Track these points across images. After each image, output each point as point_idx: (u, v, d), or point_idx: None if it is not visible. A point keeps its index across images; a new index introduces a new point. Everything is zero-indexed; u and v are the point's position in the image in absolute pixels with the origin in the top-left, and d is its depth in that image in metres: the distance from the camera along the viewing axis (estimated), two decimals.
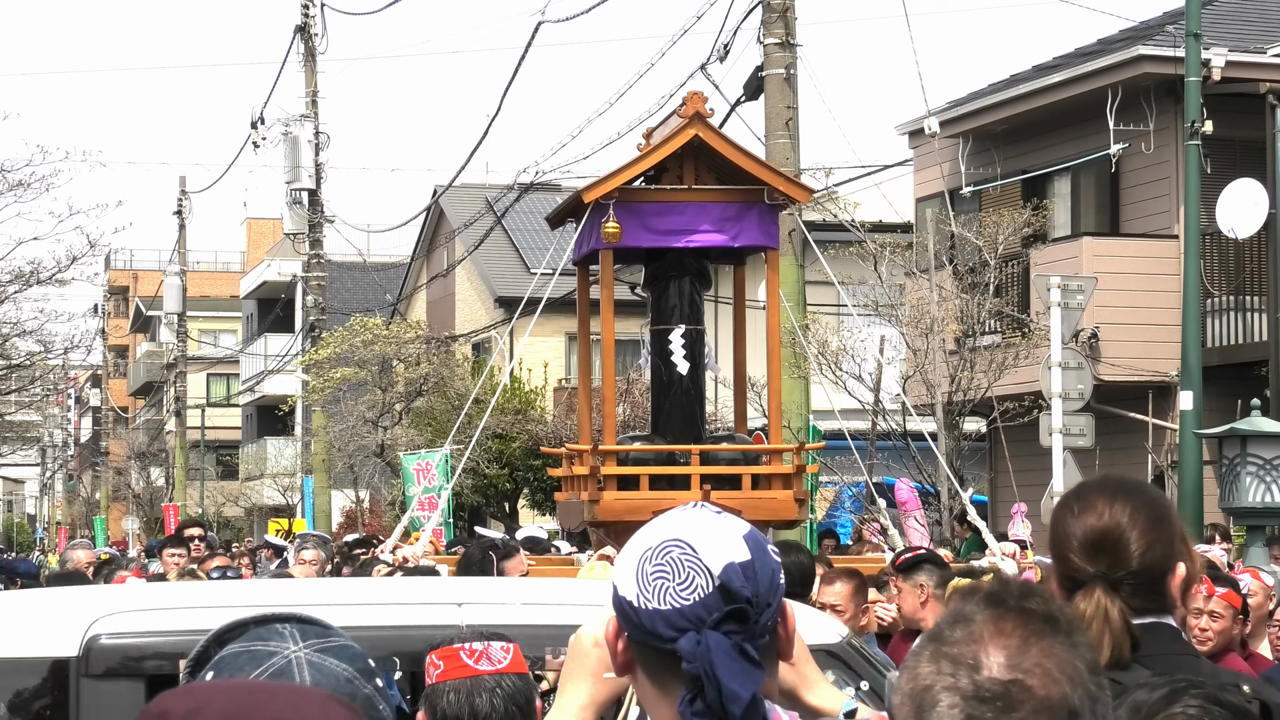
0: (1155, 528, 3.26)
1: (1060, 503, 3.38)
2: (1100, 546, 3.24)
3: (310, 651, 2.22)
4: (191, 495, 51.11)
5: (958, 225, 21.88)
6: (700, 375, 11.73)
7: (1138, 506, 3.27)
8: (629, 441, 11.94)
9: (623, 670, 2.46)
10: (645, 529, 2.49)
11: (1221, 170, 20.86)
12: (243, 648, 2.23)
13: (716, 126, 11.56)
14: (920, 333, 20.61)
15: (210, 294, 72.01)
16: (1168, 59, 21.18)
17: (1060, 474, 17.07)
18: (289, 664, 2.19)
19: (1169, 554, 3.26)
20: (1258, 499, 14.16)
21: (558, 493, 12.50)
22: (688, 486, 11.11)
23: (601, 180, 11.46)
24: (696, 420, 11.69)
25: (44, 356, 38.31)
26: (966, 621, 1.86)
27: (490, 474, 30.67)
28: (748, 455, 11.74)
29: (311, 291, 33.82)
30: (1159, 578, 3.24)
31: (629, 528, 10.85)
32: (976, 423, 22.83)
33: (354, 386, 31.99)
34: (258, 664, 2.19)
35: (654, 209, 11.41)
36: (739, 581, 2.37)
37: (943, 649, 1.84)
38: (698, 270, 11.65)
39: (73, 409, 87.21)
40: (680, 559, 2.40)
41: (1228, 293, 22.43)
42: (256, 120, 34.47)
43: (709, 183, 11.49)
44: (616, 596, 2.44)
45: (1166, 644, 3.20)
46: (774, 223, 11.67)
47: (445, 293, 43.62)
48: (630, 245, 11.45)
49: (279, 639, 2.24)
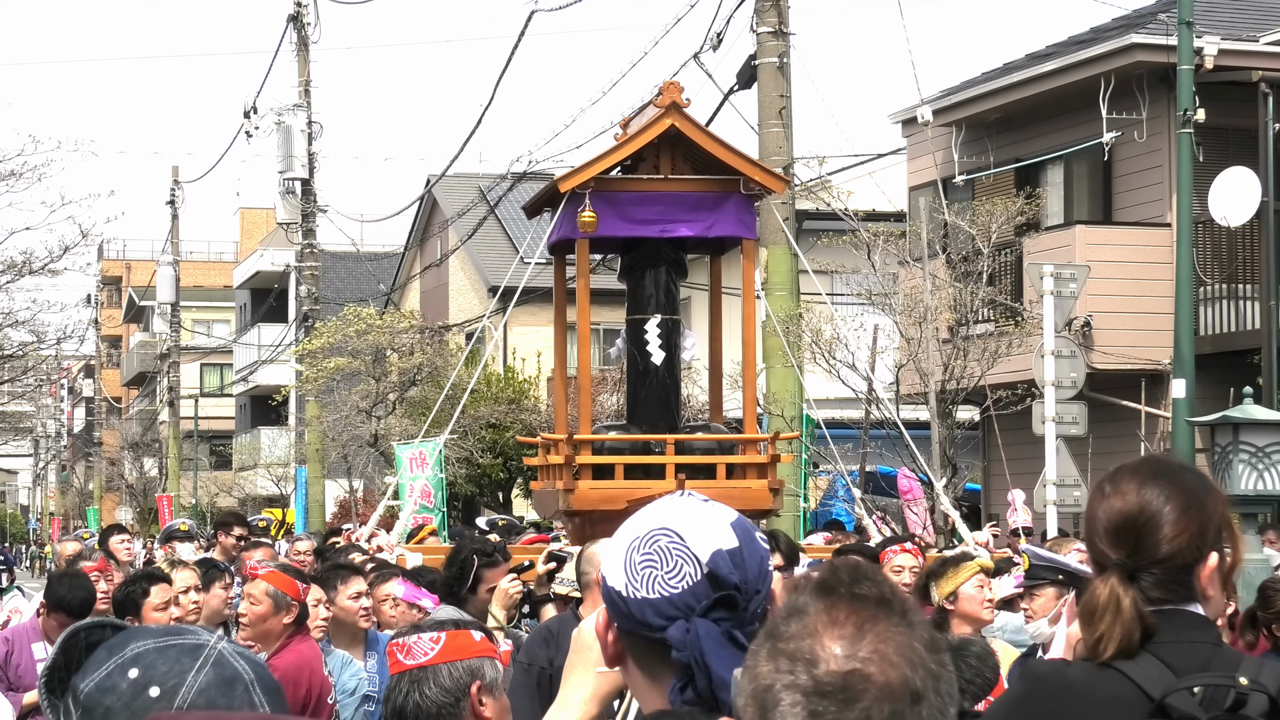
0: (1186, 515, 3.12)
1: (1096, 484, 3.26)
2: (1124, 533, 3.13)
3: (228, 643, 2.16)
4: (185, 485, 51.08)
5: (951, 214, 21.87)
6: (676, 365, 11.73)
7: (1170, 493, 3.14)
8: (604, 431, 11.94)
9: (613, 661, 2.46)
10: (633, 518, 2.48)
11: (1214, 159, 20.85)
12: (160, 643, 2.13)
13: (694, 117, 11.55)
14: (914, 321, 20.62)
15: (203, 284, 71.95)
16: (1160, 47, 21.18)
17: (1053, 462, 17.09)
18: (221, 654, 2.12)
19: (1200, 543, 3.12)
20: (1250, 486, 14.15)
21: (534, 482, 12.49)
22: (662, 476, 11.12)
23: (578, 170, 11.46)
24: (672, 409, 11.69)
25: (37, 347, 38.32)
26: (800, 614, 1.82)
27: (484, 463, 30.68)
28: (722, 445, 11.77)
29: (305, 281, 33.80)
30: (1186, 567, 3.12)
31: (603, 517, 10.90)
32: (970, 411, 22.85)
33: (347, 376, 31.96)
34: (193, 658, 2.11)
35: (630, 199, 11.41)
36: (727, 568, 2.37)
37: (779, 645, 1.80)
38: (673, 260, 11.65)
39: (66, 399, 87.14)
40: (668, 548, 2.40)
41: (1220, 281, 22.45)
42: (249, 110, 34.44)
43: (685, 172, 11.50)
44: (605, 587, 2.44)
45: (1185, 632, 3.09)
46: (750, 213, 11.66)
47: (439, 282, 43.60)
48: (606, 235, 11.45)
49: (192, 634, 2.15)
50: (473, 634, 4.12)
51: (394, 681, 4.06)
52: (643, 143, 11.40)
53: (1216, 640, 3.14)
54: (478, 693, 4.04)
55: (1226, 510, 3.22)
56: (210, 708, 2.07)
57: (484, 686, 4.04)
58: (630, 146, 11.41)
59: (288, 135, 32.80)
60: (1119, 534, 3.13)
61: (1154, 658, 3.05)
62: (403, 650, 4.06)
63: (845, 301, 23.83)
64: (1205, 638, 3.12)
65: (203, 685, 2.09)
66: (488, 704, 4.05)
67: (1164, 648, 3.06)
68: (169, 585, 8.31)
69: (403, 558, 10.89)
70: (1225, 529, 3.19)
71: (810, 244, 24.70)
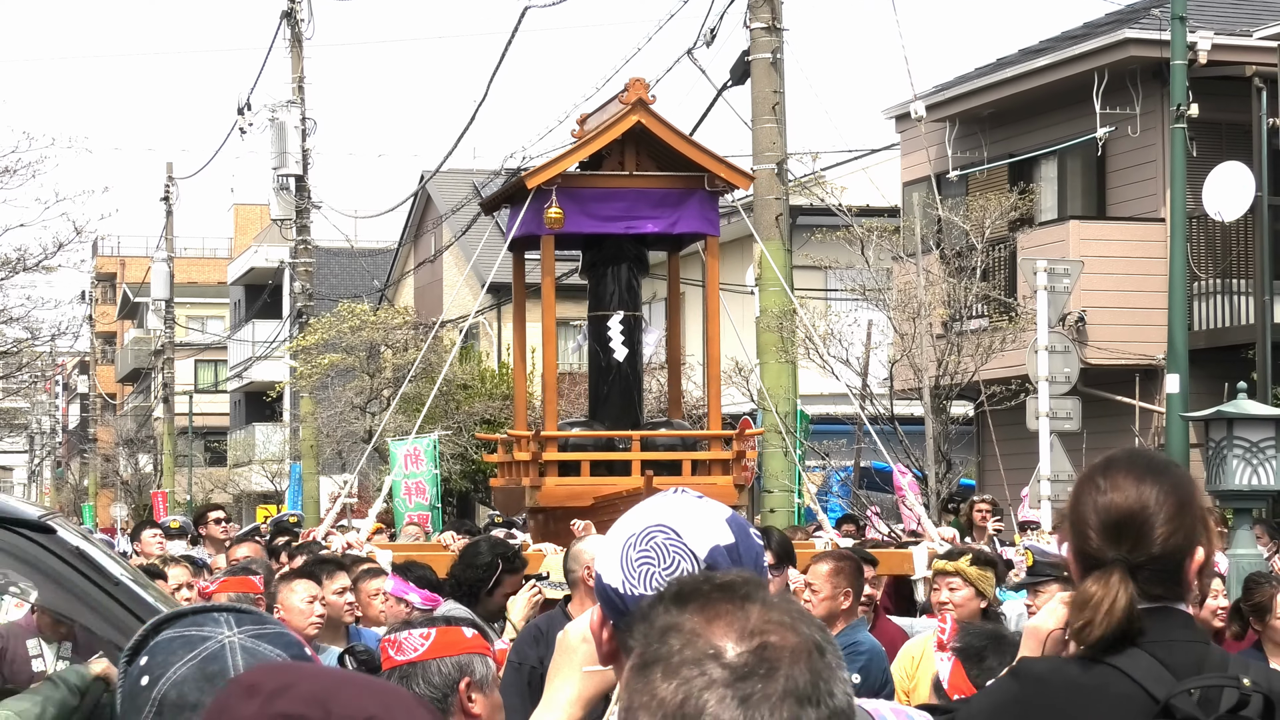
0: (1181, 512, 3.12)
1: (1084, 476, 3.24)
2: (1123, 529, 3.11)
3: (244, 637, 2.25)
4: (180, 482, 51.05)
5: (944, 209, 21.88)
6: (639, 361, 11.74)
7: (1166, 489, 3.13)
8: (567, 427, 11.94)
9: (608, 659, 2.46)
10: (626, 516, 2.49)
11: (1208, 154, 20.86)
12: (176, 633, 2.25)
13: (660, 113, 11.54)
14: (907, 317, 20.61)
15: (198, 280, 71.88)
16: (1154, 42, 21.18)
17: (1047, 457, 17.08)
18: (222, 649, 2.22)
19: (1191, 539, 3.13)
20: (1244, 482, 14.16)
21: (493, 479, 12.48)
22: (628, 472, 11.13)
23: (544, 166, 11.47)
24: (635, 406, 11.70)
25: (31, 343, 38.28)
26: (675, 629, 1.80)
27: (479, 459, 30.68)
28: (686, 441, 11.78)
29: (299, 277, 33.79)
30: (1179, 563, 3.12)
31: (567, 514, 10.90)
32: (964, 406, 22.86)
33: (342, 372, 31.97)
34: (191, 648, 2.22)
35: (594, 195, 11.41)
36: (725, 562, 2.38)
37: (671, 663, 1.77)
38: (635, 257, 11.66)
39: (60, 395, 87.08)
40: (665, 544, 2.41)
41: (1214, 276, 22.45)
42: (243, 106, 34.41)
43: (649, 169, 11.49)
44: (601, 585, 2.44)
45: (1173, 630, 3.08)
46: (714, 209, 11.66)
47: (433, 278, 43.59)
48: (571, 231, 11.44)
49: (213, 625, 2.26)
50: (464, 630, 4.12)
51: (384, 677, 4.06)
52: (609, 139, 11.40)
53: (1206, 639, 3.15)
54: (466, 689, 4.04)
55: (1205, 506, 3.23)
56: (180, 700, 2.16)
57: (473, 683, 4.04)
58: (598, 143, 11.40)
59: (281, 131, 32.78)
60: (1119, 530, 3.11)
61: (1150, 656, 3.04)
62: (393, 646, 4.07)
63: (839, 297, 23.84)
64: (1196, 636, 3.12)
65: (180, 677, 2.19)
66: (477, 700, 4.04)
67: (1158, 646, 3.05)
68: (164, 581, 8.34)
69: (373, 554, 10.81)
70: (1202, 524, 3.19)
71: (804, 239, 24.73)
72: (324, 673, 1.98)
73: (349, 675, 2.01)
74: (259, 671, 1.98)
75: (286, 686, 1.90)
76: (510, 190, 11.96)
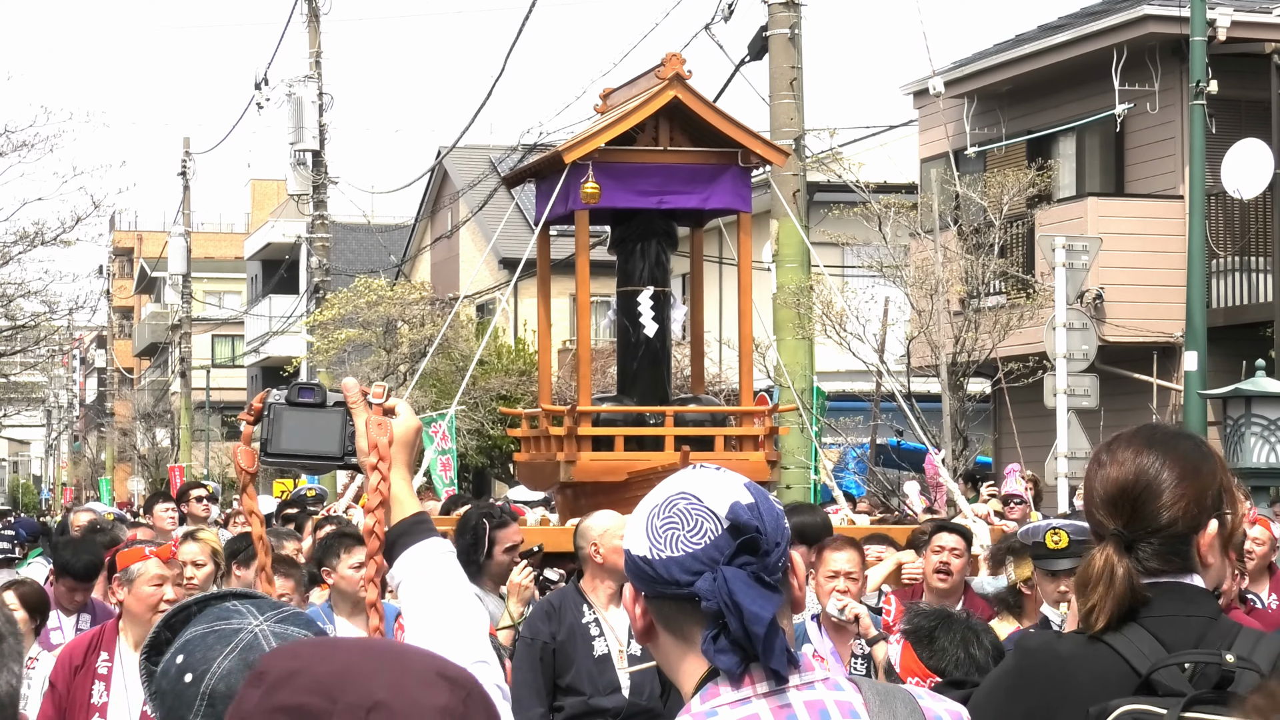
0: (1184, 483, 3.06)
1: (1094, 453, 3.21)
2: (1120, 502, 3.08)
3: (271, 623, 2.32)
4: (196, 456, 51.18)
5: (962, 186, 21.84)
6: (668, 337, 11.72)
7: (1167, 460, 3.08)
8: (598, 403, 11.94)
9: (643, 636, 2.51)
10: (650, 493, 2.52)
11: (1226, 130, 20.81)
12: (207, 628, 2.31)
13: (696, 88, 11.52)
14: (925, 293, 20.60)
15: (215, 255, 71.96)
16: (1173, 19, 21.12)
17: (1064, 435, 17.07)
18: (255, 638, 2.29)
19: (1199, 511, 3.06)
20: (1262, 459, 14.16)
21: (517, 454, 12.44)
22: (661, 447, 11.14)
23: (582, 140, 11.42)
24: (664, 382, 11.69)
25: (49, 317, 38.39)
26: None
27: (495, 435, 30.72)
28: (716, 417, 11.78)
29: (316, 253, 33.81)
30: (1184, 536, 3.06)
31: (601, 489, 10.87)
32: (981, 384, 22.84)
33: (358, 348, 32.01)
34: (226, 642, 2.28)
35: (628, 169, 11.38)
36: (746, 516, 2.44)
37: None
38: (664, 232, 11.63)
39: (78, 370, 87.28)
40: (687, 509, 2.45)
41: (1232, 253, 22.41)
42: (260, 81, 34.42)
43: (683, 144, 11.47)
44: (630, 559, 2.49)
45: (1180, 605, 3.03)
46: (746, 185, 11.63)
47: (449, 254, 43.60)
48: (606, 206, 11.42)
49: (239, 616, 2.33)
50: None
51: None
52: (646, 114, 11.37)
53: (1214, 613, 3.06)
54: None
55: (1227, 476, 3.15)
56: (229, 692, 2.21)
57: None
58: (635, 117, 11.37)
59: (298, 107, 32.78)
60: (1115, 503, 3.08)
61: (1145, 631, 3.01)
62: None
63: (856, 274, 23.82)
64: (1201, 611, 3.05)
65: (225, 670, 2.26)
66: None
67: (1156, 621, 3.02)
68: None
69: None
70: (1225, 494, 3.12)
71: (821, 216, 24.70)
72: (338, 654, 1.93)
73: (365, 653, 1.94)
74: (271, 657, 1.97)
75: (293, 673, 1.89)
76: (538, 165, 11.92)
